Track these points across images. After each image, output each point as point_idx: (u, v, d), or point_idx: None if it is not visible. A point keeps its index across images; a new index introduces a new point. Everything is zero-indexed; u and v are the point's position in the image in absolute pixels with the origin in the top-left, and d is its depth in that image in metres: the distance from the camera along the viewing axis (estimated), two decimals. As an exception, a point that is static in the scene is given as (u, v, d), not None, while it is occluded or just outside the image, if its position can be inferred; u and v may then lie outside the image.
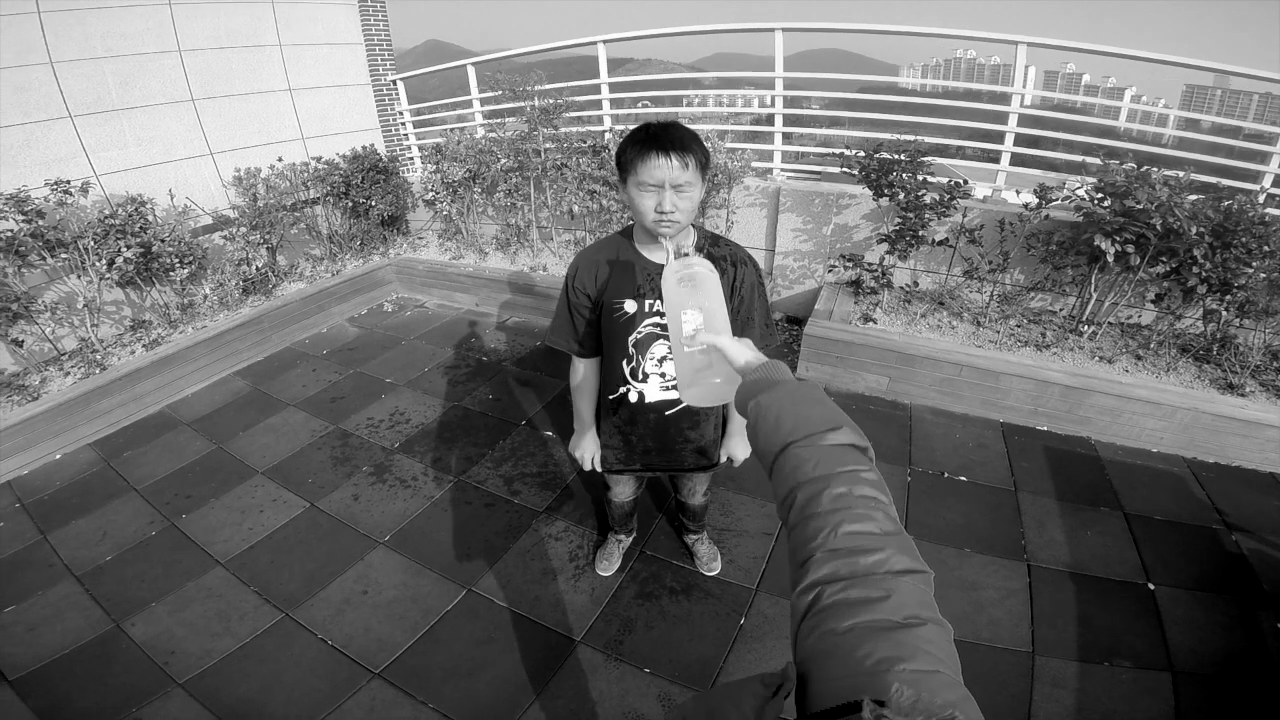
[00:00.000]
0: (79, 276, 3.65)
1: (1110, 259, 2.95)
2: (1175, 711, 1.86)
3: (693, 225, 1.57)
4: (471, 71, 5.64)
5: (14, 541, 2.69)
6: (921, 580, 0.52)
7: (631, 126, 1.45)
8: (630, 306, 1.58)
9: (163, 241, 3.84)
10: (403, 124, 6.10)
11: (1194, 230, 2.76)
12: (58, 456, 3.24)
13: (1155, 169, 3.06)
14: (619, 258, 1.58)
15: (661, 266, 1.54)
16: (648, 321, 1.59)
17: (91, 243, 3.56)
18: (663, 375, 1.68)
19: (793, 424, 0.61)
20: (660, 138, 1.34)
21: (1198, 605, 2.21)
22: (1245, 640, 2.09)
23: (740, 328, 1.62)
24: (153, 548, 2.62)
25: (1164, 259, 2.97)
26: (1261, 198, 2.93)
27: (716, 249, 1.58)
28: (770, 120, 4.53)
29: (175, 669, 2.08)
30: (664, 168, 1.34)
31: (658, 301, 1.57)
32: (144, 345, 3.78)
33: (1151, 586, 2.28)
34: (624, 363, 1.66)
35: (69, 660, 2.13)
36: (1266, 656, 2.04)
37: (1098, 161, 3.29)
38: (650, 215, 1.39)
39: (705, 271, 1.02)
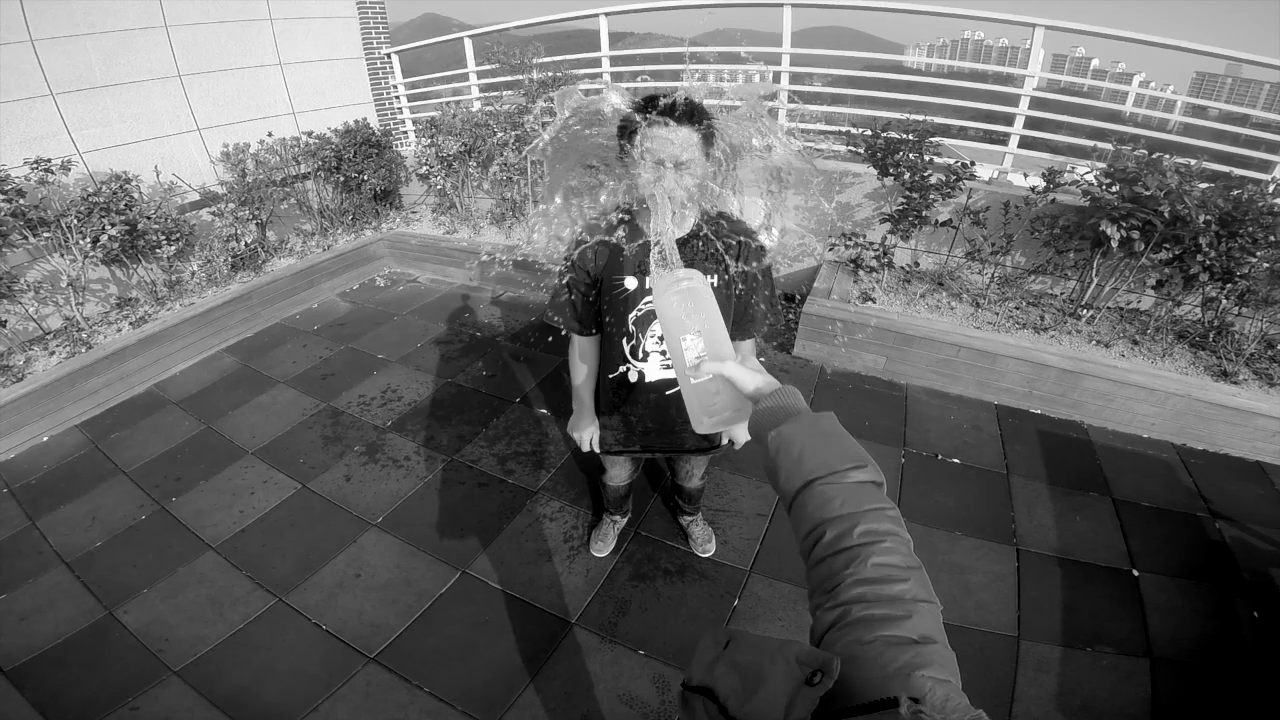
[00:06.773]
0: (63, 255, 3.57)
1: (1115, 244, 2.92)
2: (1152, 697, 1.90)
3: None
4: (468, 44, 5.50)
5: (2, 528, 2.63)
6: (935, 609, 0.58)
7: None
8: (630, 283, 1.53)
9: (148, 219, 3.75)
10: (397, 98, 5.96)
11: (1201, 218, 2.74)
12: (45, 439, 3.20)
13: (1167, 156, 3.01)
14: (617, 233, 1.52)
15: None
16: (648, 298, 1.54)
17: (75, 220, 3.47)
18: (663, 354, 1.63)
19: (816, 460, 0.64)
20: (666, 109, 1.28)
21: (1179, 592, 2.23)
22: (1222, 628, 2.12)
23: (745, 308, 1.59)
24: (143, 532, 2.58)
25: (1168, 246, 2.94)
26: (1271, 188, 2.89)
27: (724, 227, 1.51)
28: (774, 96, 4.43)
29: (169, 657, 2.06)
30: (668, 143, 1.28)
31: None
32: (130, 323, 3.71)
33: (1136, 573, 2.30)
34: (624, 341, 1.62)
35: (63, 649, 2.10)
36: (1242, 644, 2.07)
37: (1106, 146, 3.23)
38: (649, 189, 1.33)
39: (698, 285, 0.97)
